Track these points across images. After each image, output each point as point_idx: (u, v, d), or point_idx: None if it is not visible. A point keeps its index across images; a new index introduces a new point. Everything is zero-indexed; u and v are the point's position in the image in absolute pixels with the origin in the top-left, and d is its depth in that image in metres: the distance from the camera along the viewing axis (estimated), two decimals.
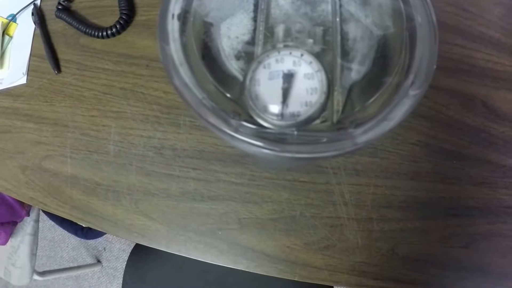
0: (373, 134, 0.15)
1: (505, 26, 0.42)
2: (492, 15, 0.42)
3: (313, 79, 0.17)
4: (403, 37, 0.19)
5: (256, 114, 0.17)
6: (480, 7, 0.43)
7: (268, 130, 0.17)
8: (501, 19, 0.42)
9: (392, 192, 0.38)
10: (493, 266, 0.37)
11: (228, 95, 0.19)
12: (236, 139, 0.16)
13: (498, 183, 0.38)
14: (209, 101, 0.17)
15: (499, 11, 0.42)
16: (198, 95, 0.17)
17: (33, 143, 0.45)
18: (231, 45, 0.20)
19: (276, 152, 0.16)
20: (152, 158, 0.42)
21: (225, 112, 0.17)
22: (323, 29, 0.20)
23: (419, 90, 0.16)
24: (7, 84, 0.48)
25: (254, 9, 0.21)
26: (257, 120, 0.17)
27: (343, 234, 0.38)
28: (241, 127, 0.16)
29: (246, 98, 0.17)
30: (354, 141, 0.16)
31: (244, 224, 0.39)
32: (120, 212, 0.41)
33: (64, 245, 1.29)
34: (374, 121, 0.16)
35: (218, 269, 0.54)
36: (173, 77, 0.17)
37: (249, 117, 0.17)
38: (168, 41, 0.18)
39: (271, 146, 0.16)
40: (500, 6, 0.43)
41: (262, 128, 0.17)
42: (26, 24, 0.51)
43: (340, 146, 0.16)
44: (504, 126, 0.39)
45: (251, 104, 0.17)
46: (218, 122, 0.16)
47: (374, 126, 0.16)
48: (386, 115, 0.16)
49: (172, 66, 0.18)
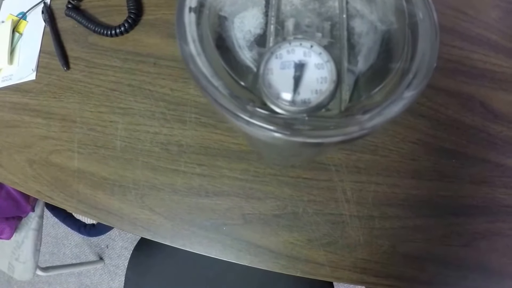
0: (380, 120, 0.16)
1: (502, 29, 0.43)
2: (490, 17, 0.44)
3: (323, 69, 0.18)
4: (406, 32, 0.20)
5: (270, 100, 0.18)
6: (478, 10, 0.44)
7: (281, 115, 0.18)
8: (498, 21, 0.43)
9: (392, 190, 0.39)
10: (493, 265, 0.37)
11: (242, 83, 0.20)
12: (252, 124, 0.17)
13: (496, 182, 0.39)
14: (225, 89, 0.18)
15: (496, 14, 0.44)
16: (214, 83, 0.18)
17: (41, 137, 0.46)
18: (244, 37, 0.21)
19: (288, 136, 0.17)
20: (158, 153, 0.43)
21: (240, 99, 0.18)
22: (330, 24, 0.21)
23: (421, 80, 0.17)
24: (17, 80, 0.49)
25: (265, 4, 0.22)
26: (271, 106, 0.18)
27: (345, 231, 0.39)
28: (255, 112, 0.17)
29: (260, 86, 0.18)
30: (362, 126, 0.16)
31: (248, 220, 0.40)
32: (125, 206, 0.42)
33: (67, 242, 1.29)
34: (381, 107, 0.17)
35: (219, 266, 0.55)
36: (191, 66, 0.18)
37: (262, 104, 0.18)
38: (186, 33, 0.19)
39: (283, 130, 0.17)
40: (497, 9, 0.44)
41: (275, 113, 0.18)
42: (36, 22, 0.52)
43: (348, 131, 0.16)
44: (502, 126, 0.40)
45: (265, 91, 0.18)
46: (234, 108, 0.17)
47: (381, 112, 0.17)
48: (391, 102, 0.17)
49: (189, 55, 0.19)
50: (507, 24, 0.43)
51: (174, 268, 0.57)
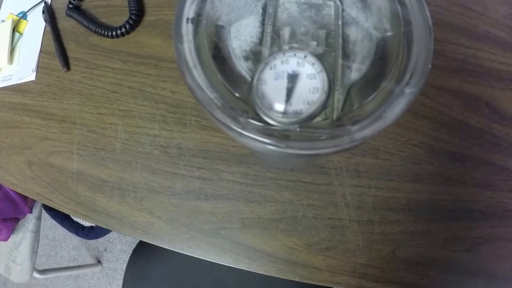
0: (370, 131, 0.16)
1: (510, 25, 0.42)
2: (498, 14, 0.42)
3: (315, 79, 0.18)
4: (401, 39, 0.19)
5: (262, 111, 0.18)
6: (485, 6, 0.42)
7: (273, 127, 0.18)
8: (506, 18, 0.42)
9: (393, 194, 0.38)
10: (496, 270, 0.36)
11: (237, 94, 0.19)
12: (244, 135, 0.17)
13: (501, 186, 0.38)
14: (220, 100, 0.18)
15: (504, 10, 0.42)
16: (209, 95, 0.18)
17: (40, 138, 0.46)
18: (240, 46, 0.21)
19: (280, 148, 0.16)
20: (157, 156, 0.43)
21: (234, 110, 0.17)
22: (326, 32, 0.21)
23: (414, 88, 0.17)
24: (16, 80, 0.49)
25: (262, 12, 0.21)
26: (263, 117, 0.18)
27: (344, 235, 0.38)
28: (248, 124, 0.17)
29: (253, 96, 0.18)
30: (352, 137, 0.16)
31: (246, 224, 0.40)
32: (125, 209, 0.42)
33: (64, 244, 1.29)
34: (371, 118, 0.17)
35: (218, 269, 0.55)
36: (187, 77, 0.18)
37: (256, 115, 0.18)
38: (183, 43, 0.19)
39: (275, 142, 0.16)
40: (505, 5, 0.42)
41: (268, 125, 0.18)
42: (36, 21, 0.52)
43: (338, 143, 0.16)
44: (508, 128, 0.39)
45: (258, 102, 0.18)
46: (227, 120, 0.17)
47: (371, 123, 0.16)
48: (382, 112, 0.17)
49: (186, 67, 0.18)
50: None
51: (173, 272, 0.57)
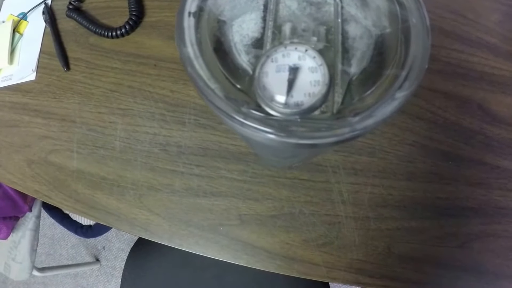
0: (371, 121, 0.17)
1: (501, 32, 0.43)
2: (489, 21, 0.44)
3: (316, 72, 0.19)
4: (398, 36, 0.20)
5: (264, 102, 0.18)
6: (478, 14, 0.44)
7: (274, 117, 0.18)
8: (498, 25, 0.44)
9: (389, 192, 0.39)
10: (487, 265, 0.37)
11: (238, 86, 0.20)
12: (245, 125, 0.17)
13: (492, 184, 0.39)
14: (221, 91, 0.18)
15: (496, 17, 0.44)
16: (211, 85, 0.18)
17: (40, 137, 0.46)
18: (241, 41, 0.21)
19: (281, 137, 0.17)
20: (157, 154, 0.43)
21: (235, 101, 0.18)
22: (326, 28, 0.22)
23: (413, 83, 0.18)
24: (17, 80, 0.50)
25: (264, 9, 0.22)
26: (265, 108, 0.18)
27: (341, 231, 0.39)
28: (249, 114, 0.17)
29: (255, 88, 0.19)
30: (353, 127, 0.17)
31: (244, 220, 0.40)
32: (124, 207, 0.42)
33: (63, 243, 1.29)
34: (372, 110, 0.17)
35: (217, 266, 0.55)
36: (189, 69, 0.19)
37: (257, 106, 0.19)
38: (185, 37, 0.20)
39: (277, 132, 0.17)
40: (497, 13, 0.44)
41: (269, 116, 0.18)
42: (36, 22, 0.52)
43: (340, 133, 0.17)
44: (499, 129, 0.40)
45: (260, 93, 0.18)
46: (229, 109, 0.18)
47: (372, 114, 0.17)
48: (382, 104, 0.17)
49: (187, 59, 0.19)
50: (507, 27, 0.44)
51: (171, 269, 0.58)
